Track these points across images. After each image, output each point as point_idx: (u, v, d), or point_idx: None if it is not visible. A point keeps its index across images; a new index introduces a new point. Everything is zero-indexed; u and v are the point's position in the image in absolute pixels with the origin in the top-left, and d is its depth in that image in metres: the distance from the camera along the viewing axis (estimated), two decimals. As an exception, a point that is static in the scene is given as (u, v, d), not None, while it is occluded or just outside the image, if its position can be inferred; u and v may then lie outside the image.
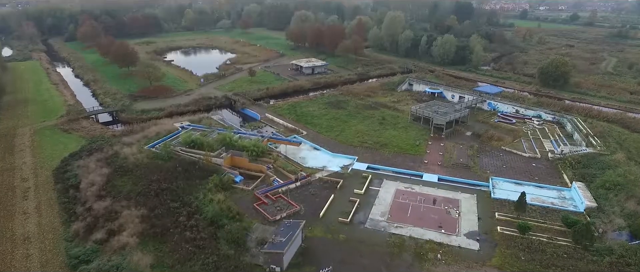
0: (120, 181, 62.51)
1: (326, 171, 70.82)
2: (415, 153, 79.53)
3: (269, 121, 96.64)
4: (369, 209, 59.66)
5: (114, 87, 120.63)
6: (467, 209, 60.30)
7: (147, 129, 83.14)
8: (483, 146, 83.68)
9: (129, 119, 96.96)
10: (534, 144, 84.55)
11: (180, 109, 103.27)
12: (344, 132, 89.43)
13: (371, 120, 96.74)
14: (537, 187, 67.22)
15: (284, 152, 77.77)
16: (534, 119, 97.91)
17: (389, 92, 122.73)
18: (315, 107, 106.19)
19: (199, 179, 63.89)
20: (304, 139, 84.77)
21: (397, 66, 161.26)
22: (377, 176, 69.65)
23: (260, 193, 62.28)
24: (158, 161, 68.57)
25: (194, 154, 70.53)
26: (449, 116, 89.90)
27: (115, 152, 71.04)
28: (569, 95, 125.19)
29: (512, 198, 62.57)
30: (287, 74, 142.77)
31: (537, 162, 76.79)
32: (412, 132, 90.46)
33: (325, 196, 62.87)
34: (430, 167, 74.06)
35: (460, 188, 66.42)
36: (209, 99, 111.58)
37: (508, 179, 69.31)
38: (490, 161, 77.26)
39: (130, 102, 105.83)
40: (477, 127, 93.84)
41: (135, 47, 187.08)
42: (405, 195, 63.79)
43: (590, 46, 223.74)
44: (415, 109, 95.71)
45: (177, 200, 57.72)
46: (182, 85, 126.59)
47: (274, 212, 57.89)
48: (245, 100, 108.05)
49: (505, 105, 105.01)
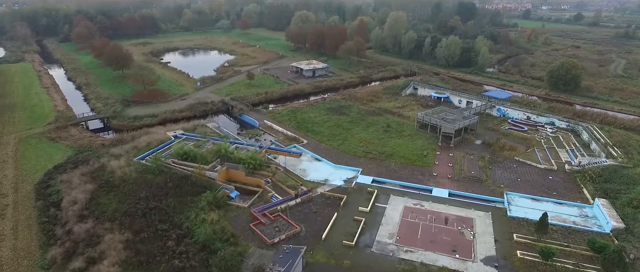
0: (106, 199, 57.63)
1: (328, 185, 65.99)
2: (423, 164, 74.67)
3: (268, 129, 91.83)
4: (376, 230, 54.82)
5: (107, 91, 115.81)
6: (482, 230, 55.42)
7: (137, 138, 78.16)
8: (494, 156, 78.78)
9: (120, 126, 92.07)
10: (549, 154, 79.65)
11: (175, 115, 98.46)
12: (346, 141, 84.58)
13: (375, 128, 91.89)
14: (557, 204, 62.34)
15: (283, 164, 72.94)
16: (546, 127, 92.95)
17: (393, 97, 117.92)
18: (316, 113, 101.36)
19: (191, 196, 59.07)
20: (305, 148, 79.92)
21: (401, 68, 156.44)
22: (383, 190, 64.80)
23: (257, 211, 57.43)
24: (148, 175, 63.66)
25: (187, 167, 65.64)
26: (458, 124, 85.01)
27: (102, 165, 66.14)
28: (580, 100, 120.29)
29: (530, 217, 57.78)
30: (287, 77, 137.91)
31: (554, 174, 71.90)
32: (419, 140, 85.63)
33: (328, 214, 58.05)
34: (440, 180, 69.22)
35: (473, 205, 61.55)
36: (205, 104, 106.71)
37: (524, 195, 64.41)
38: (503, 173, 72.39)
39: (122, 107, 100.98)
40: (487, 135, 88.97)
41: (131, 48, 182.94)
42: (414, 213, 58.93)
43: (596, 47, 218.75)
44: (421, 116, 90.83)
45: (166, 221, 52.88)
46: (178, 89, 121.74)
47: (272, 234, 53.03)
48: (243, 106, 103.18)
49: (516, 111, 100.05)
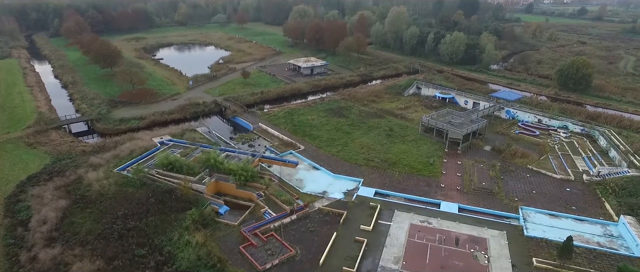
0: (79, 217, 51.91)
1: (327, 199, 60.38)
2: (429, 174, 69.07)
3: (263, 133, 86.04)
4: (379, 253, 49.30)
5: (94, 91, 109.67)
6: (497, 252, 49.94)
7: (120, 145, 72.24)
8: (506, 164, 73.17)
9: (104, 130, 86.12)
10: (564, 162, 74.07)
11: (164, 118, 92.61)
12: (346, 146, 78.88)
13: (377, 132, 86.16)
14: (577, 221, 56.84)
15: (278, 174, 67.29)
16: (559, 131, 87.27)
17: (395, 97, 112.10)
18: (314, 115, 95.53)
19: (176, 213, 53.47)
20: (302, 155, 74.22)
21: (403, 66, 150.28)
22: (386, 205, 59.22)
23: (248, 231, 51.86)
24: (128, 188, 57.95)
25: (172, 179, 59.90)
26: (466, 128, 79.30)
27: (79, 177, 60.32)
28: (591, 100, 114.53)
29: (550, 236, 52.35)
30: (284, 75, 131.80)
31: (571, 185, 66.36)
32: (424, 146, 79.97)
33: (326, 233, 52.51)
34: (448, 192, 63.66)
35: (486, 222, 56.03)
36: (197, 105, 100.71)
37: (541, 210, 58.88)
38: (516, 184, 66.84)
39: (108, 109, 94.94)
40: (496, 140, 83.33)
41: (123, 44, 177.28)
42: (421, 232, 53.41)
43: (603, 43, 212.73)
44: (426, 119, 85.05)
45: (145, 244, 47.24)
46: (169, 88, 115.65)
47: (264, 258, 47.52)
48: (236, 107, 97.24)
49: (526, 113, 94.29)
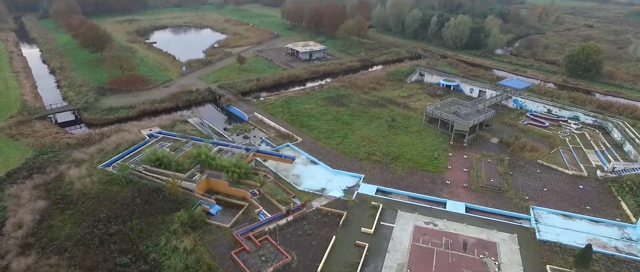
0: (59, 220, 48.19)
1: (325, 198, 56.69)
2: (434, 170, 65.31)
3: (258, 123, 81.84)
4: (382, 259, 45.88)
5: (82, 77, 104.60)
6: (508, 259, 46.57)
7: (107, 137, 68.02)
8: (515, 158, 69.38)
9: (91, 120, 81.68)
10: (576, 156, 70.31)
11: (155, 107, 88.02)
12: (346, 138, 74.86)
13: (379, 122, 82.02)
14: (592, 223, 53.39)
15: (274, 169, 63.47)
16: (570, 122, 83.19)
17: (398, 84, 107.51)
18: (312, 103, 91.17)
19: (163, 214, 49.79)
20: (299, 148, 70.27)
21: (405, 50, 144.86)
22: (389, 204, 55.59)
23: (241, 234, 48.33)
24: (113, 187, 54.07)
25: (160, 177, 56.01)
26: (473, 120, 75.16)
27: (60, 174, 56.34)
28: (601, 88, 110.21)
29: (564, 240, 48.98)
30: (282, 60, 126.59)
31: (585, 182, 62.77)
32: (428, 138, 76.01)
33: (325, 237, 49.00)
34: (455, 190, 60.02)
35: (495, 224, 52.54)
36: (190, 92, 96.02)
37: (553, 210, 55.36)
38: (526, 180, 63.18)
39: (96, 97, 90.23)
40: (503, 131, 79.33)
41: (116, 26, 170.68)
42: (426, 235, 49.92)
43: (611, 26, 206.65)
44: (430, 109, 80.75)
45: (128, 251, 43.66)
46: (161, 74, 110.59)
47: (258, 266, 44.08)
48: (231, 96, 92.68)
49: (535, 103, 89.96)
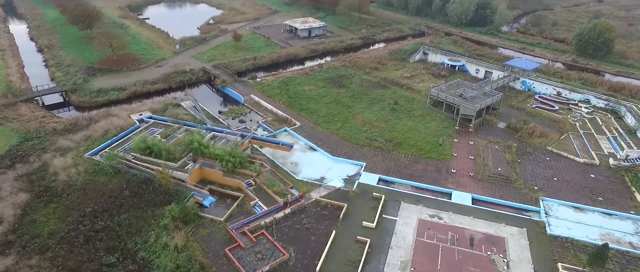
0: (42, 214, 45.45)
1: (325, 188, 53.90)
2: (439, 157, 62.34)
3: (255, 106, 78.28)
4: (384, 256, 43.47)
5: (71, 56, 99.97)
6: (517, 255, 44.17)
7: (95, 123, 64.58)
8: (523, 145, 66.34)
9: (80, 103, 78.05)
10: (587, 142, 67.23)
11: (146, 88, 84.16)
12: (347, 123, 71.56)
13: (381, 105, 78.50)
14: (605, 216, 50.84)
15: (271, 156, 60.47)
16: (580, 105, 79.68)
17: (400, 64, 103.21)
18: (311, 84, 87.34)
19: (153, 208, 47.08)
20: (298, 134, 67.06)
21: (408, 28, 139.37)
22: (392, 195, 52.87)
23: (235, 229, 45.77)
24: (100, 178, 51.13)
25: (150, 166, 52.94)
26: (479, 103, 71.63)
27: (44, 164, 53.25)
28: (611, 68, 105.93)
29: (576, 236, 46.56)
30: (279, 38, 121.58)
31: (596, 171, 59.94)
32: (433, 123, 72.73)
33: (324, 231, 46.47)
34: (460, 179, 57.21)
35: (503, 216, 49.97)
36: (184, 73, 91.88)
37: (564, 202, 52.71)
38: (535, 169, 60.31)
39: (85, 78, 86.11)
40: (511, 115, 75.99)
41: (106, 2, 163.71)
42: (431, 229, 47.41)
43: (621, 2, 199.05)
44: (435, 92, 77.02)
45: (116, 249, 41.12)
46: (154, 52, 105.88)
47: (253, 264, 41.68)
48: (226, 76, 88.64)
49: (544, 85, 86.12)
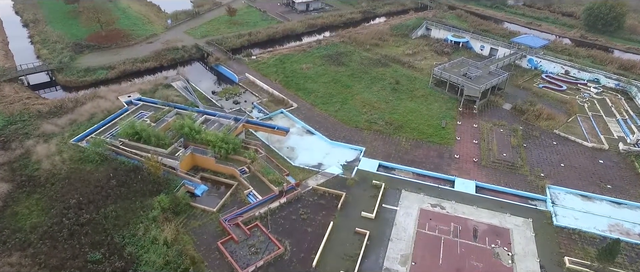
0: (24, 206, 43.20)
1: (322, 175, 51.58)
2: (441, 141, 59.78)
3: (250, 85, 75.06)
4: (384, 250, 41.59)
5: (57, 32, 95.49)
6: (522, 248, 42.35)
7: (81, 105, 61.47)
8: (529, 128, 63.68)
9: (67, 83, 74.62)
10: (596, 125, 64.56)
11: (137, 67, 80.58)
12: (346, 104, 68.59)
13: (381, 85, 75.29)
14: (614, 205, 48.81)
15: (266, 140, 57.87)
16: (589, 85, 76.51)
17: (402, 40, 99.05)
18: (309, 62, 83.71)
19: (142, 198, 44.83)
20: (294, 116, 64.20)
21: (410, 1, 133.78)
22: (392, 183, 50.62)
23: (228, 220, 43.73)
24: (85, 165, 48.63)
25: (139, 153, 50.38)
26: (484, 84, 68.47)
27: (27, 151, 50.58)
28: (622, 45, 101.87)
29: (583, 227, 44.67)
30: (276, 12, 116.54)
31: (605, 156, 57.56)
32: (435, 103, 69.81)
33: (321, 222, 44.45)
34: (464, 165, 54.86)
35: (508, 206, 47.93)
36: (175, 50, 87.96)
37: (572, 190, 50.58)
38: (541, 154, 57.90)
39: (72, 55, 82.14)
40: (517, 96, 72.94)
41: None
42: (433, 220, 45.43)
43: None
44: (438, 71, 73.68)
45: (102, 243, 39.08)
46: (145, 28, 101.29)
47: (247, 258, 39.83)
48: (220, 54, 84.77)
49: (552, 63, 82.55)
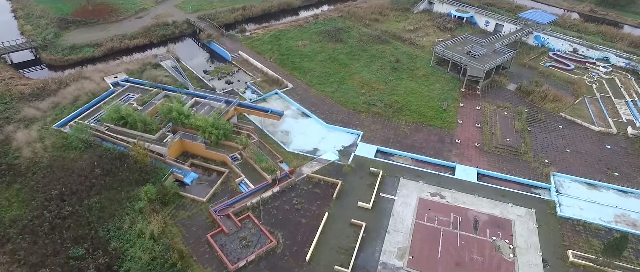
0: (4, 198, 41.10)
1: (318, 162, 49.44)
2: (443, 124, 57.31)
3: (243, 64, 71.90)
4: (381, 242, 39.94)
5: (41, 6, 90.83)
6: (524, 241, 40.71)
7: (64, 86, 58.52)
8: (534, 110, 61.06)
9: (52, 61, 71.29)
10: (604, 107, 61.91)
11: (125, 44, 76.91)
12: (344, 84, 65.69)
13: (381, 63, 72.12)
14: (621, 194, 46.93)
15: (260, 124, 55.43)
16: (598, 64, 73.24)
17: (403, 15, 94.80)
18: (306, 38, 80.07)
19: (129, 187, 42.83)
20: (289, 97, 61.46)
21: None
22: (390, 170, 48.55)
23: (219, 211, 41.90)
24: (69, 153, 46.34)
25: (125, 139, 48.02)
26: (489, 63, 65.29)
27: (6, 137, 48.10)
28: (632, 20, 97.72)
29: (588, 218, 42.91)
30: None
31: (613, 141, 55.29)
32: (437, 84, 66.93)
33: (316, 213, 42.62)
34: (465, 151, 52.66)
35: (510, 194, 46.04)
36: (166, 25, 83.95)
37: (577, 178, 48.58)
38: (546, 138, 55.59)
39: (57, 31, 78.28)
40: (522, 75, 69.95)
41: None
42: (432, 211, 43.62)
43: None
44: (440, 49, 70.28)
45: (85, 238, 37.30)
46: (133, 2, 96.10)
47: (237, 252, 38.23)
48: (212, 30, 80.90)
49: (560, 40, 78.87)
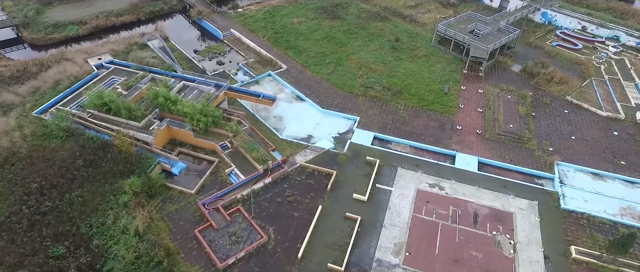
0: (-19, 191, 39.34)
1: (312, 150, 47.29)
2: (443, 109, 54.82)
3: (235, 43, 68.59)
4: (376, 238, 38.31)
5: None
6: (525, 236, 39.10)
7: (46, 69, 55.52)
8: (539, 94, 58.41)
9: (34, 40, 67.80)
10: (612, 90, 59.21)
11: (111, 21, 73.10)
12: (340, 65, 62.70)
13: (379, 43, 68.81)
14: (627, 185, 45.06)
15: (252, 109, 52.93)
16: (608, 43, 69.90)
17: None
18: (301, 15, 76.26)
19: (113, 179, 40.84)
20: (283, 79, 58.66)
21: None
22: (387, 159, 46.49)
23: (207, 204, 40.11)
24: (50, 142, 44.02)
25: (110, 127, 45.62)
26: (493, 43, 62.07)
27: (-17, 125, 45.83)
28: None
29: (592, 210, 41.20)
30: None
31: (620, 127, 52.98)
32: (438, 65, 63.95)
33: (309, 206, 40.83)
34: (466, 138, 50.45)
35: (512, 185, 44.16)
36: (154, 1, 79.78)
37: (582, 167, 46.62)
38: (551, 123, 53.26)
39: (39, 8, 74.23)
40: (528, 55, 66.84)
41: None
42: (430, 203, 41.83)
43: None
44: (442, 27, 66.82)
45: (66, 235, 35.56)
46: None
47: (226, 249, 36.67)
48: (203, 6, 76.84)
49: (568, 17, 75.11)
